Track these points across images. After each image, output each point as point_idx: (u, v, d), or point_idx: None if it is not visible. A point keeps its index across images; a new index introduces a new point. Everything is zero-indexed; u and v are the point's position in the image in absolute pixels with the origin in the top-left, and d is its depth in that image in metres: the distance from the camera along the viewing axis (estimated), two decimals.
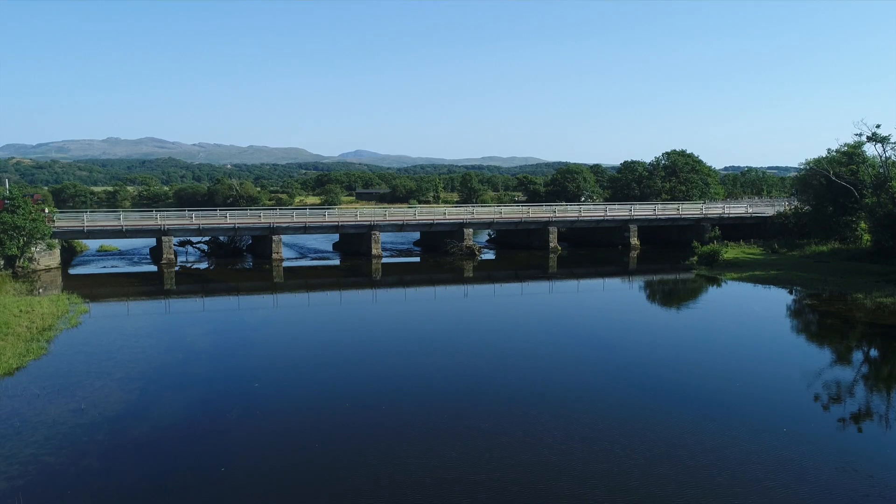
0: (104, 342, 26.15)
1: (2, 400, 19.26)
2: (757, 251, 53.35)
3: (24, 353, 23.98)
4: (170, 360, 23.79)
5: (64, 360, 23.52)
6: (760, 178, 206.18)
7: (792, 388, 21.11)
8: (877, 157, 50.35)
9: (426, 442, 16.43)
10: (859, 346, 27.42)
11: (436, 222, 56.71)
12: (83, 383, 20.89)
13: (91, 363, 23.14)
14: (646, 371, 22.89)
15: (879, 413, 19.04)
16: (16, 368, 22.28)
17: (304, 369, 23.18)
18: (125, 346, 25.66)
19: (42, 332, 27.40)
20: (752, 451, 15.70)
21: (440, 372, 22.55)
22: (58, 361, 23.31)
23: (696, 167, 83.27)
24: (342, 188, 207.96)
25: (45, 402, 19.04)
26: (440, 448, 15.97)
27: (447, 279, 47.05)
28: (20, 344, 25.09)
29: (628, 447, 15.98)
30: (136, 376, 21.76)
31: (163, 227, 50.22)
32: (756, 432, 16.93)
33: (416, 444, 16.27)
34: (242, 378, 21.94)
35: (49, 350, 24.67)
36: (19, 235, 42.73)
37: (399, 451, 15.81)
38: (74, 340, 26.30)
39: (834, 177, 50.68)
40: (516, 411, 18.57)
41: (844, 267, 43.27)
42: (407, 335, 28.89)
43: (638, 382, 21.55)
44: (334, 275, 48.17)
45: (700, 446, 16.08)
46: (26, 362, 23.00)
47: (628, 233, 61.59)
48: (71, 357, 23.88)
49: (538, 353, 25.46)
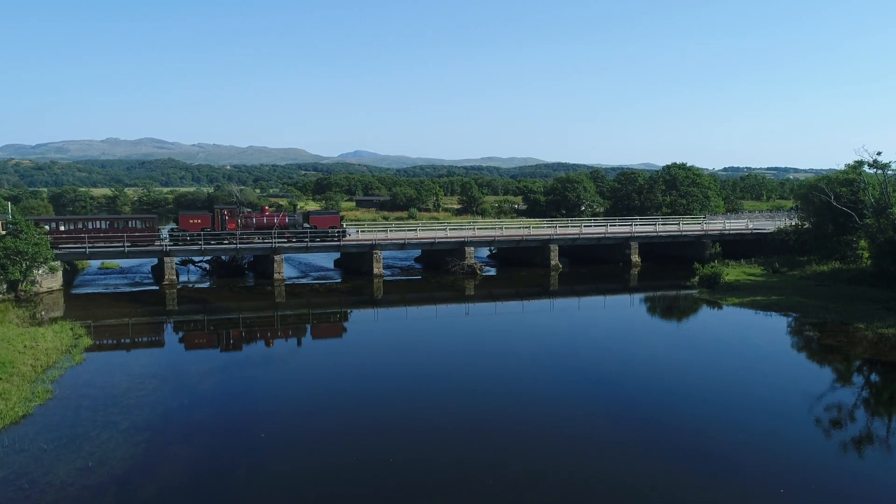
0: (108, 384, 26.20)
1: (10, 455, 19.34)
2: (758, 271, 53.49)
3: (30, 397, 24.09)
4: (174, 406, 23.86)
5: (70, 405, 23.60)
6: (760, 183, 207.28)
7: (790, 440, 21.19)
8: (878, 172, 50.23)
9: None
10: (861, 393, 27.51)
11: (437, 241, 56.82)
12: (89, 434, 20.97)
13: (97, 409, 23.22)
14: (643, 420, 22.95)
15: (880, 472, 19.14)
16: (22, 416, 22.36)
17: (307, 415, 23.26)
18: (130, 388, 25.73)
19: (46, 370, 27.58)
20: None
21: (444, 425, 22.64)
22: (63, 407, 23.38)
23: (696, 180, 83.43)
24: (342, 192, 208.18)
25: (53, 459, 19.11)
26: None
27: (449, 297, 47.68)
28: (25, 386, 25.20)
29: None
30: (141, 425, 21.84)
31: (165, 249, 50.28)
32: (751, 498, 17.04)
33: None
34: (248, 426, 22.00)
35: (54, 393, 24.74)
36: (22, 260, 42.80)
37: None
38: (79, 381, 26.37)
39: (835, 202, 50.73)
40: (505, 457, 18.67)
41: (845, 292, 43.39)
42: (416, 369, 28.95)
43: (633, 432, 21.63)
44: (336, 295, 48.22)
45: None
46: (32, 408, 23.08)
47: (629, 250, 61.71)
48: (76, 402, 23.95)
49: (530, 394, 25.53)
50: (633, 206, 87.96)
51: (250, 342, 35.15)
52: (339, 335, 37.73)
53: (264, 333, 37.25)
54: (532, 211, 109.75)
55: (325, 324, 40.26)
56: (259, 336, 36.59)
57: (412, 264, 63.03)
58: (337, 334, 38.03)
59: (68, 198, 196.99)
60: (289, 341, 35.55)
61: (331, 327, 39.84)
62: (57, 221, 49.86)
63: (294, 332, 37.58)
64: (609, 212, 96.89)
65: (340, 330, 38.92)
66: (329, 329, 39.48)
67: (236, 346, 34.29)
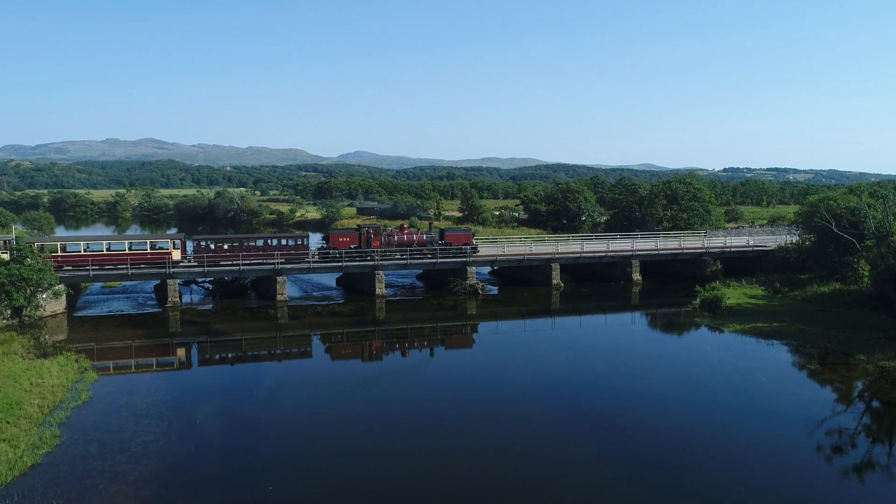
0: (115, 427, 26.36)
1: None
2: (759, 292, 53.64)
3: (38, 443, 24.30)
4: (182, 453, 24.02)
5: (78, 453, 23.77)
6: (760, 188, 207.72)
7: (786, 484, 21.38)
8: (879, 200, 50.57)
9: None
10: (861, 441, 27.69)
11: (439, 261, 57.00)
12: (98, 488, 21.14)
13: (104, 457, 23.40)
14: (637, 461, 23.13)
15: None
16: (31, 466, 22.55)
17: (314, 459, 23.45)
18: (136, 431, 25.88)
19: (53, 410, 27.80)
20: None
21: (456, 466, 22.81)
22: (72, 455, 23.56)
23: (696, 194, 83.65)
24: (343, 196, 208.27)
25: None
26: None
27: (451, 316, 48.65)
28: (33, 430, 25.42)
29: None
30: (149, 477, 22.01)
31: (167, 271, 50.46)
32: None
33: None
34: (255, 477, 22.18)
35: (62, 438, 24.92)
36: (26, 286, 42.96)
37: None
38: (86, 424, 26.54)
39: (836, 228, 50.83)
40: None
41: (847, 318, 43.55)
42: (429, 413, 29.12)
43: (635, 464, 21.82)
44: (339, 317, 48.41)
45: None
46: (40, 456, 23.26)
47: (630, 268, 61.93)
48: (84, 449, 24.12)
49: (527, 433, 25.72)
50: (633, 218, 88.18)
51: (256, 374, 35.33)
52: (346, 357, 37.88)
53: (269, 364, 37.45)
54: (533, 221, 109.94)
55: (331, 352, 40.49)
56: (265, 367, 36.79)
57: (414, 282, 63.20)
58: (343, 358, 38.17)
59: (69, 203, 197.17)
60: (295, 363, 35.82)
61: (338, 348, 40.64)
62: (216, 240, 53.45)
63: (300, 357, 37.80)
64: (610, 222, 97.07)
65: (347, 353, 39.20)
66: (338, 351, 40.23)
67: (241, 379, 34.40)
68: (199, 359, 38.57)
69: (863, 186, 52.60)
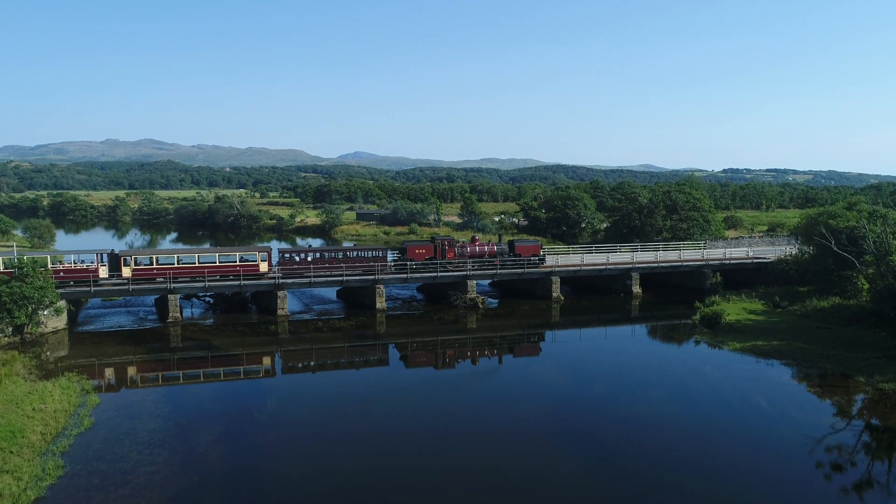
0: (118, 456, 26.46)
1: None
2: (759, 307, 53.72)
3: (41, 475, 24.37)
4: (185, 485, 24.13)
5: (81, 486, 23.87)
6: (759, 192, 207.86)
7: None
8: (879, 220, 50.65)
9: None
10: (860, 458, 27.83)
11: (439, 275, 57.13)
12: None
13: (108, 490, 23.52)
14: (642, 478, 23.26)
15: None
16: (34, 500, 22.67)
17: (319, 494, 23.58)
18: (139, 461, 25.99)
19: (56, 438, 27.90)
20: None
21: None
22: (75, 489, 23.66)
23: (696, 204, 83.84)
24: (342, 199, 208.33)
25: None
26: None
27: (452, 329, 49.28)
28: (36, 460, 25.52)
29: None
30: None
31: (168, 287, 50.56)
32: None
33: None
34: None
35: (65, 469, 25.03)
36: (28, 304, 43.06)
37: None
38: (89, 454, 26.63)
39: (835, 247, 50.89)
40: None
41: (846, 336, 43.66)
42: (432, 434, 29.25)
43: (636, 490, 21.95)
44: (340, 331, 48.53)
45: None
46: (44, 489, 23.37)
47: (630, 280, 62.08)
48: (87, 481, 24.22)
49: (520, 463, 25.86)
50: (633, 227, 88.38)
51: (257, 393, 35.42)
52: (350, 375, 37.98)
53: (269, 381, 37.57)
54: (533, 227, 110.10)
55: (332, 369, 40.61)
56: (265, 385, 36.91)
57: (414, 294, 63.31)
58: (344, 381, 38.26)
59: (69, 206, 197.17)
60: (296, 395, 35.89)
61: (338, 365, 40.63)
62: (300, 252, 55.60)
63: (302, 382, 37.92)
64: (609, 230, 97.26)
65: (346, 374, 39.30)
66: (335, 372, 40.06)
67: (242, 399, 34.47)
68: (202, 377, 38.67)
69: (861, 201, 52.53)
